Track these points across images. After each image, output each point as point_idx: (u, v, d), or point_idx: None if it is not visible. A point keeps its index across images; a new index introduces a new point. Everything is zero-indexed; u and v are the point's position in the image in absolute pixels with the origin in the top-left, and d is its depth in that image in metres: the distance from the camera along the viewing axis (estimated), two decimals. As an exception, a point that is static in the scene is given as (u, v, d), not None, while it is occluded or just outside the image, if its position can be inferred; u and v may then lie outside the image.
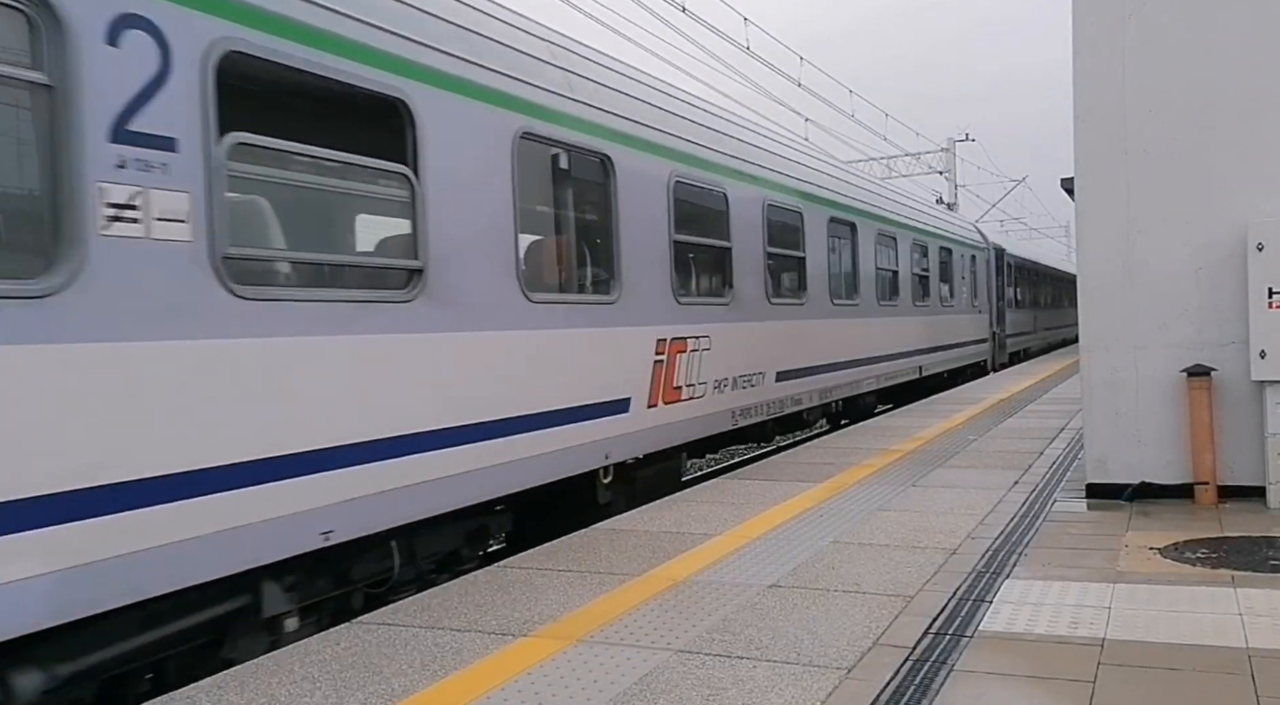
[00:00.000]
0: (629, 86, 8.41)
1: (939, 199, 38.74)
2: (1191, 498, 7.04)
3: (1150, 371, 7.22)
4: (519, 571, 5.65)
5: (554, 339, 6.96)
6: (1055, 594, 4.94)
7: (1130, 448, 7.27)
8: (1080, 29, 7.33)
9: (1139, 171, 7.19)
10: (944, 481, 8.19)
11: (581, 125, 7.41)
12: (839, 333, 13.21)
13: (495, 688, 3.88)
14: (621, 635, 4.46)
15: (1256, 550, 5.72)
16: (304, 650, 4.37)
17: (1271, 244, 6.78)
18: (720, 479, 8.70)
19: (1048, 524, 6.54)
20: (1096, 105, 7.30)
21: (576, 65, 7.63)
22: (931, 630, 4.42)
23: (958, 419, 12.70)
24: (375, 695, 3.84)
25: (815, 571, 5.45)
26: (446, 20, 6.15)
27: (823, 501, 7.41)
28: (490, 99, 6.36)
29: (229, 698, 3.85)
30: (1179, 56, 7.08)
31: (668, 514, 7.14)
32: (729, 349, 9.79)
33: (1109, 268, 7.29)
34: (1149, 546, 5.85)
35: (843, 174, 14.45)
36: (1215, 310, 7.05)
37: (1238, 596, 4.79)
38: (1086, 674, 3.87)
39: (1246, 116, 6.92)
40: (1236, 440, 7.02)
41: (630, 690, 3.80)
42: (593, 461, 7.43)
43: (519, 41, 6.90)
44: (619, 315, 7.83)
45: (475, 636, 4.51)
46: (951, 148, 41.92)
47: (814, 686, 3.78)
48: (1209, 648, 4.12)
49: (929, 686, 3.78)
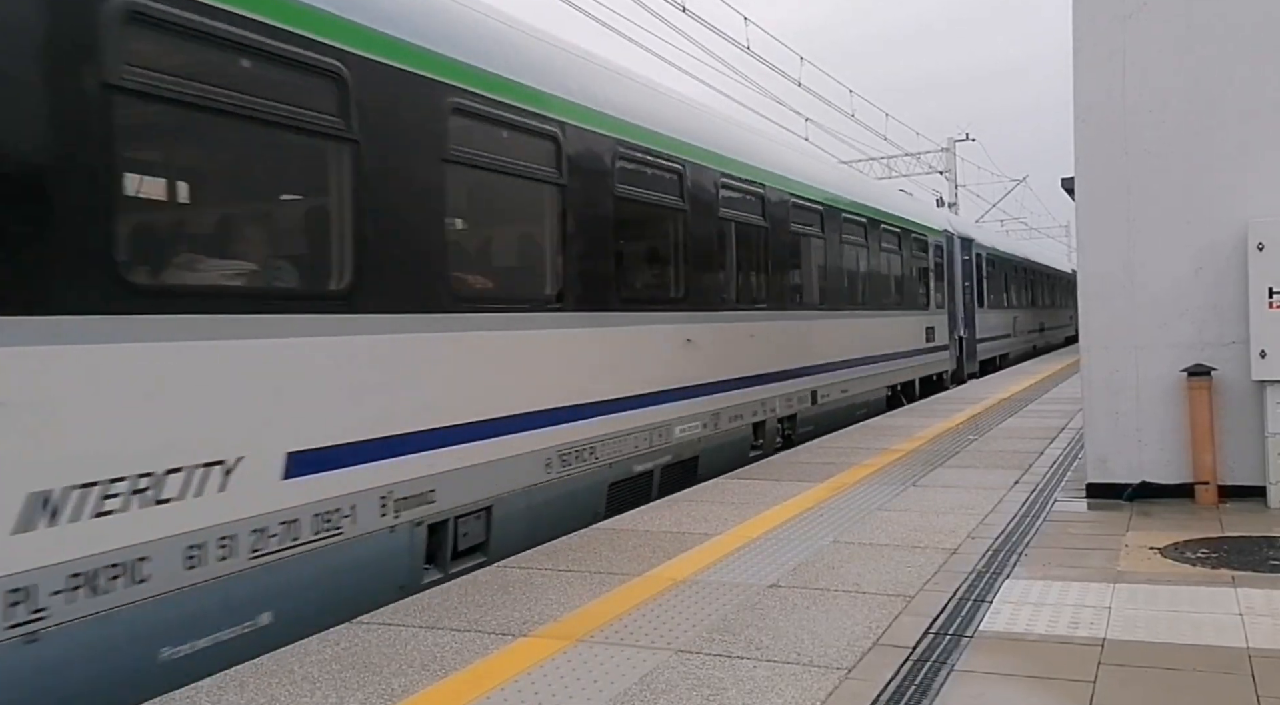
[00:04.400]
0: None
1: (939, 199, 38.72)
2: (1192, 498, 7.03)
3: (1151, 371, 7.21)
4: (519, 571, 5.65)
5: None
6: (1055, 594, 4.94)
7: (1131, 448, 7.26)
8: (1080, 29, 7.33)
9: (1139, 171, 7.19)
10: (944, 481, 8.18)
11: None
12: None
13: (495, 688, 3.87)
14: (621, 635, 4.46)
15: (1257, 550, 5.72)
16: (304, 650, 4.37)
17: (1271, 244, 6.77)
18: (720, 479, 8.69)
19: (1048, 524, 6.54)
20: (1096, 105, 7.30)
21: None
22: (932, 630, 4.42)
23: (958, 419, 12.69)
24: (375, 695, 3.84)
25: (815, 571, 5.45)
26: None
27: (823, 501, 7.41)
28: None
29: (229, 698, 3.84)
30: (1179, 56, 7.08)
31: (668, 514, 7.14)
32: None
33: (1109, 267, 7.29)
34: (1149, 546, 5.85)
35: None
36: (1215, 310, 7.05)
37: (1238, 596, 4.79)
38: (1087, 674, 3.87)
39: (1246, 116, 6.92)
40: (1237, 440, 7.02)
41: (630, 690, 3.80)
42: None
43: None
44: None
45: (475, 636, 4.51)
46: (951, 147, 41.91)
47: (814, 686, 3.78)
48: (1209, 648, 4.11)
49: (929, 687, 3.77)
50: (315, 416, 5.15)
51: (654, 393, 8.52)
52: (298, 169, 5.75)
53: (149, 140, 4.89)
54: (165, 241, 5.12)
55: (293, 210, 6.04)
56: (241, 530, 4.69)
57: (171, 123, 4.79)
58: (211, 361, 4.61)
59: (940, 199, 39.10)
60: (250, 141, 5.15)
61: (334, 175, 5.53)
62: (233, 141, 5.11)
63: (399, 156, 5.81)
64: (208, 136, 5.03)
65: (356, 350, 5.47)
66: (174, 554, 4.36)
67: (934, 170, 41.71)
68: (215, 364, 4.63)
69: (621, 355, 8.17)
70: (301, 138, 5.33)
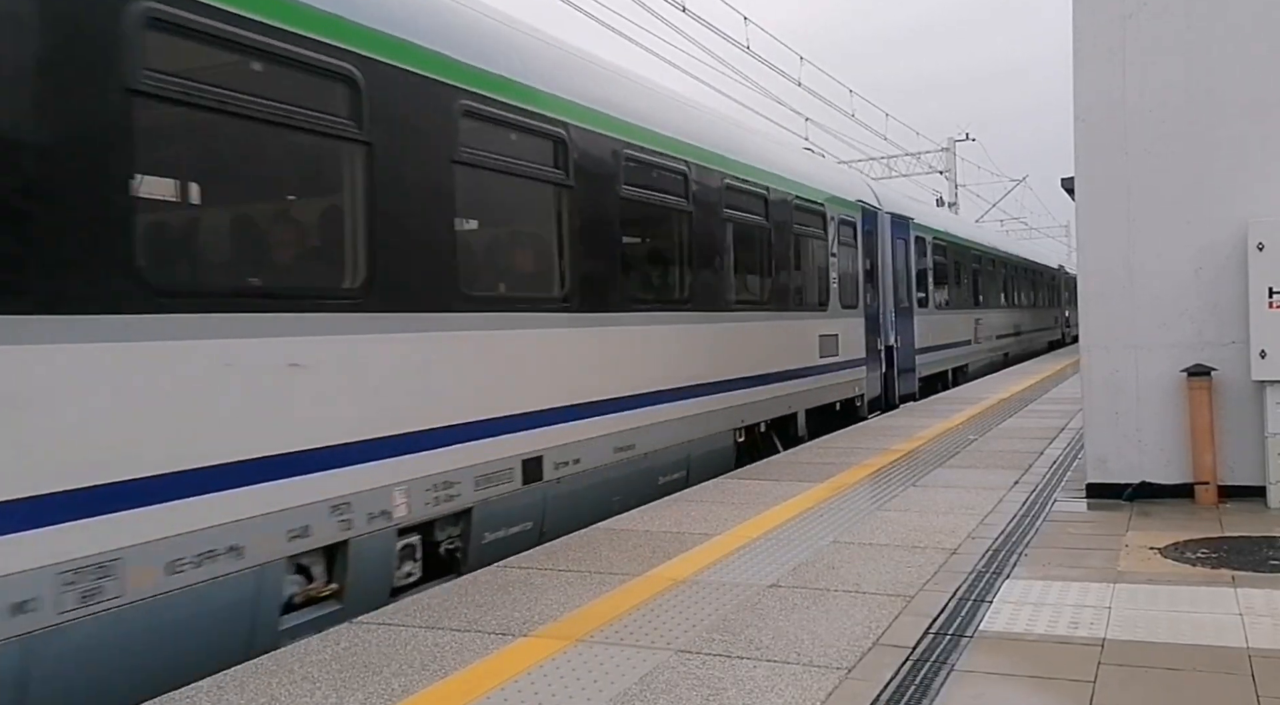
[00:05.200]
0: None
1: (939, 199, 38.71)
2: (1192, 498, 7.03)
3: (1150, 371, 7.21)
4: (519, 571, 5.65)
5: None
6: (1055, 594, 4.93)
7: (1130, 447, 7.26)
8: (1080, 28, 7.33)
9: (1139, 171, 7.19)
10: (944, 481, 8.18)
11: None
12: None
13: (495, 688, 3.87)
14: (621, 635, 4.46)
15: (1257, 550, 5.72)
16: (304, 650, 4.37)
17: (1271, 244, 6.77)
18: (720, 479, 8.70)
19: (1048, 524, 6.54)
20: (1096, 105, 7.30)
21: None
22: (931, 630, 4.42)
23: (957, 419, 12.69)
24: (375, 695, 3.84)
25: (815, 571, 5.45)
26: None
27: (823, 501, 7.41)
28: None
29: (229, 698, 3.84)
30: (1179, 56, 7.08)
31: (668, 514, 7.14)
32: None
33: (1109, 267, 7.29)
34: (1149, 546, 5.85)
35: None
36: (1215, 310, 7.04)
37: (1238, 596, 4.79)
38: (1087, 674, 3.87)
39: (1246, 116, 6.92)
40: (1237, 440, 7.02)
41: (630, 690, 3.80)
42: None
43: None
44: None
45: (475, 636, 4.50)
46: (952, 147, 41.92)
47: (814, 686, 3.78)
48: (1209, 648, 4.11)
49: (929, 687, 3.77)
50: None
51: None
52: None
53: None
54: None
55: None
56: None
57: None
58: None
59: (940, 198, 39.10)
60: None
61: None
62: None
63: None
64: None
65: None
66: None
67: (934, 170, 41.72)
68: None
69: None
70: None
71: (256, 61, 4.98)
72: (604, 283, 7.91)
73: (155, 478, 4.29)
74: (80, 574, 3.96)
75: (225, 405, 4.67)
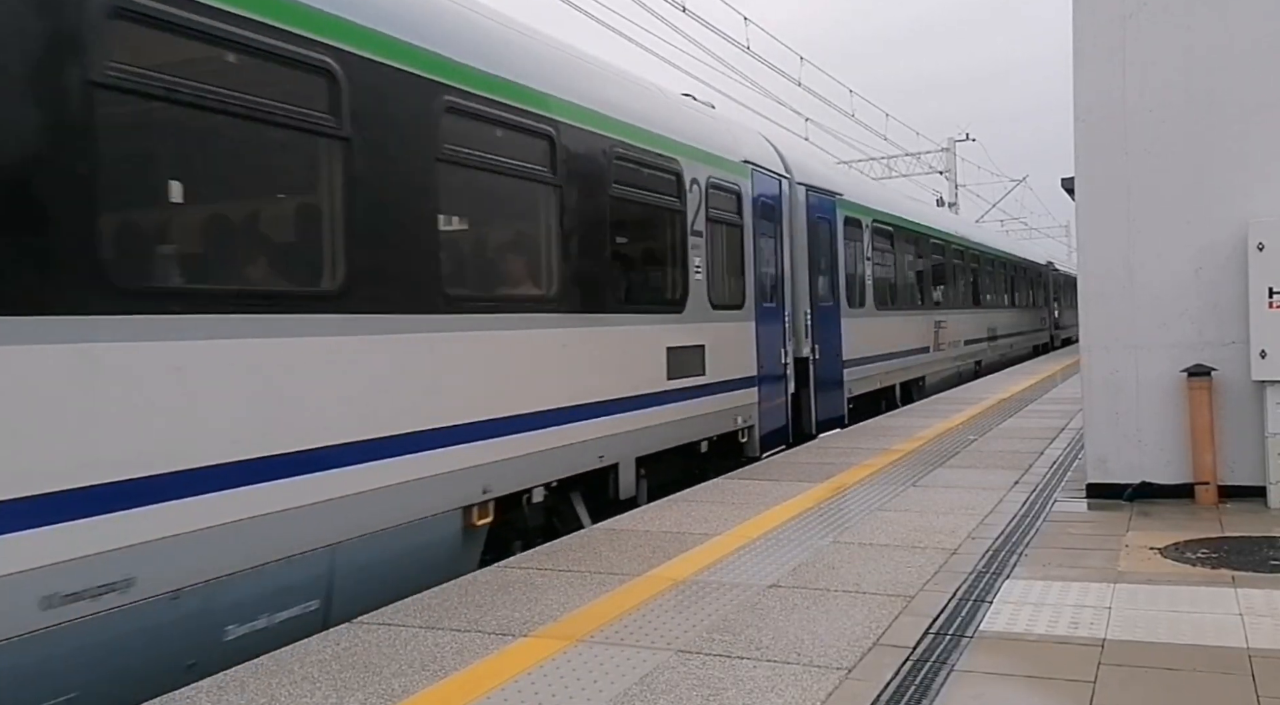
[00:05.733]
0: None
1: (939, 199, 38.70)
2: (1192, 498, 7.03)
3: (1150, 371, 7.21)
4: (519, 571, 5.65)
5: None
6: (1055, 594, 4.94)
7: (1130, 448, 7.27)
8: (1080, 28, 7.33)
9: (1139, 171, 7.19)
10: (944, 481, 8.18)
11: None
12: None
13: (495, 688, 3.87)
14: (621, 635, 4.46)
15: (1257, 550, 5.72)
16: (304, 650, 4.37)
17: (1271, 244, 6.77)
18: (720, 479, 8.70)
19: (1048, 524, 6.54)
20: (1096, 105, 7.30)
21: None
22: (932, 630, 4.42)
23: (958, 419, 12.69)
24: (375, 695, 3.84)
25: (815, 571, 5.45)
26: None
27: (823, 501, 7.41)
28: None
29: (229, 698, 3.84)
30: (1179, 56, 7.08)
31: (668, 514, 7.14)
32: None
33: (1109, 267, 7.29)
34: (1149, 546, 5.85)
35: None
36: (1215, 310, 7.05)
37: (1238, 596, 4.79)
38: (1087, 674, 3.87)
39: (1246, 116, 6.92)
40: (1237, 440, 7.02)
41: (630, 690, 3.80)
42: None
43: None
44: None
45: (475, 636, 4.50)
46: (952, 147, 41.93)
47: (814, 686, 3.78)
48: (1209, 648, 4.11)
49: (929, 687, 3.77)
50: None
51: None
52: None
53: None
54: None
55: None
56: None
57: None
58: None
59: (940, 198, 39.09)
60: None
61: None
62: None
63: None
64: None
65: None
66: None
67: (934, 170, 41.72)
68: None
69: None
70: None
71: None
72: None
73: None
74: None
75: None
